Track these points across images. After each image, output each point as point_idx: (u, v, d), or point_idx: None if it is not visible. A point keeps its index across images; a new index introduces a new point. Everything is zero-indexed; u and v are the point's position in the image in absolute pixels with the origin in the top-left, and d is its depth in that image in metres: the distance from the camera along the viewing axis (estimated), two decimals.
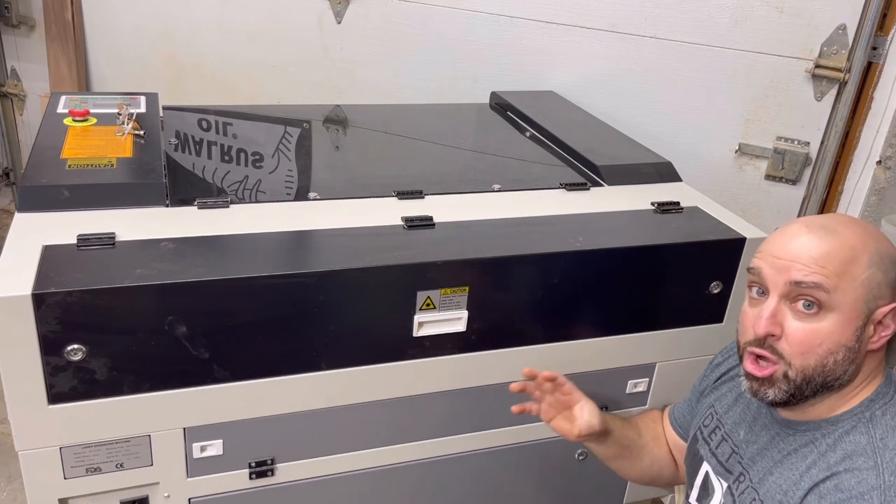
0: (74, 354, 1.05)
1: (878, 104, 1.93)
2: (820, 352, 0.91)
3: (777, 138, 2.05)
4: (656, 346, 1.48)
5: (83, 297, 1.02)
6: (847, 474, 0.88)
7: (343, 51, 2.32)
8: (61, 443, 1.13)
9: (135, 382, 1.11)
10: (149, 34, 2.43)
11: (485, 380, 1.36)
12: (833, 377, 0.92)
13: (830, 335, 0.90)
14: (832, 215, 0.99)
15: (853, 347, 0.91)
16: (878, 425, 0.91)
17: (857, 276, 0.90)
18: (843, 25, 1.90)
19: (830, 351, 0.91)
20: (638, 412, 1.47)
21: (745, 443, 1.05)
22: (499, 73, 2.21)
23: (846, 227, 0.92)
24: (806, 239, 0.92)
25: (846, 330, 0.90)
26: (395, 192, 1.41)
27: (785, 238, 0.94)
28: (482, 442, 1.42)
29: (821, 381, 0.92)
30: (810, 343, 0.91)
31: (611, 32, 2.10)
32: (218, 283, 1.08)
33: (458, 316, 1.25)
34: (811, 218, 0.97)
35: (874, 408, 0.93)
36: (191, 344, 1.10)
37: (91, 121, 1.48)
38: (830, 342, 0.90)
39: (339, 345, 1.20)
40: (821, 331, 0.90)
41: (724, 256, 1.39)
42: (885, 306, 0.91)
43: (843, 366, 0.91)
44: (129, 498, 1.22)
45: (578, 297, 1.33)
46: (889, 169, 1.90)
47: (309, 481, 1.32)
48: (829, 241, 0.91)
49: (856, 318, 0.90)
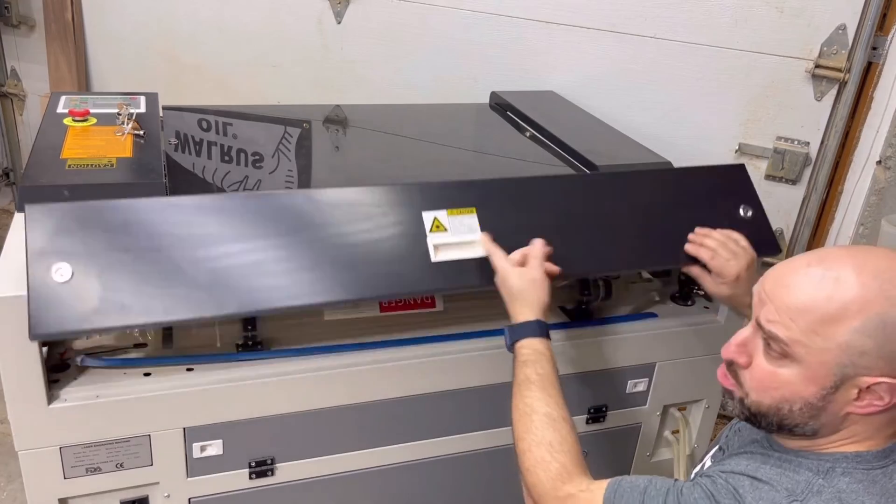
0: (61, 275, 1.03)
1: (878, 104, 1.93)
2: (775, 395, 0.85)
3: (777, 138, 2.05)
4: (656, 346, 1.48)
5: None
6: (761, 484, 0.84)
7: (343, 51, 2.32)
8: (61, 443, 1.13)
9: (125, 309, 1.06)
10: (149, 34, 2.42)
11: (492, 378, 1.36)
12: (790, 423, 0.86)
13: (789, 384, 0.84)
14: (864, 255, 0.83)
15: (815, 405, 0.83)
16: (828, 479, 0.83)
17: (834, 337, 0.80)
18: (843, 25, 1.90)
19: (786, 399, 0.85)
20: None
21: (741, 437, 1.05)
22: (499, 73, 2.20)
23: (858, 279, 0.80)
24: (795, 280, 0.83)
25: (809, 386, 0.83)
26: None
27: (783, 270, 0.86)
28: (482, 442, 1.43)
29: (776, 422, 0.87)
30: (767, 384, 0.86)
31: (611, 32, 2.09)
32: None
33: (471, 239, 1.23)
34: (835, 254, 0.85)
35: (840, 464, 0.85)
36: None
37: (91, 121, 1.47)
38: (788, 391, 0.84)
39: (354, 270, 1.17)
40: (780, 377, 0.84)
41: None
42: (870, 377, 0.80)
43: (802, 417, 0.85)
44: (129, 498, 1.22)
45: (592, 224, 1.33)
46: (889, 169, 1.90)
47: (309, 481, 1.32)
48: (815, 292, 0.81)
49: (823, 378, 0.82)
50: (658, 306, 1.53)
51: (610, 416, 1.52)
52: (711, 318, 1.53)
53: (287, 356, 1.25)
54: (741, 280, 1.24)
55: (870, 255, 0.83)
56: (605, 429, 1.53)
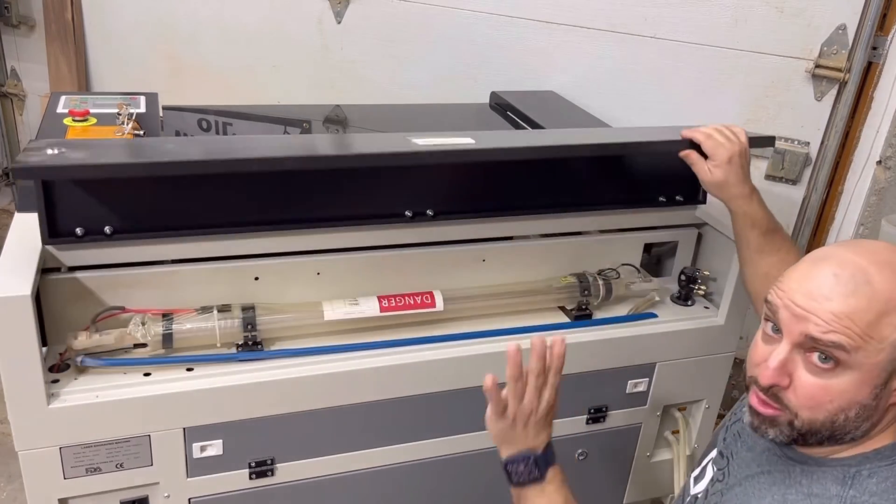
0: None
1: (878, 104, 1.93)
2: (830, 408, 0.83)
3: (777, 138, 2.05)
4: (656, 346, 1.48)
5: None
6: None
7: (343, 51, 2.32)
8: (61, 443, 1.13)
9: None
10: (149, 34, 2.42)
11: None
12: (843, 432, 0.84)
13: (844, 393, 0.82)
14: (869, 252, 0.84)
15: (869, 405, 0.83)
16: (856, 486, 0.84)
17: (886, 336, 0.80)
18: (843, 25, 1.90)
19: (842, 408, 0.83)
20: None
21: (744, 442, 1.04)
22: (499, 73, 2.20)
23: (881, 274, 0.81)
24: (832, 290, 0.82)
25: (863, 389, 0.82)
26: None
27: (810, 282, 0.84)
28: (482, 442, 1.42)
29: (828, 435, 0.85)
30: (820, 399, 0.83)
31: (611, 32, 2.09)
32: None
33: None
34: (844, 256, 0.84)
35: (863, 465, 0.85)
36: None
37: (91, 121, 1.47)
38: (843, 400, 0.82)
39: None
40: (833, 388, 0.82)
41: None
42: None
43: (856, 423, 0.84)
44: (129, 498, 1.22)
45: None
46: (889, 169, 1.90)
47: (309, 481, 1.32)
48: (858, 296, 0.81)
49: (877, 377, 0.81)
50: (658, 306, 1.53)
51: (610, 416, 1.52)
52: (711, 318, 1.53)
53: (287, 356, 1.25)
54: (734, 164, 1.27)
55: (875, 250, 0.84)
56: (605, 429, 1.53)
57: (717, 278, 1.57)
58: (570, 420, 1.48)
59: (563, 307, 1.47)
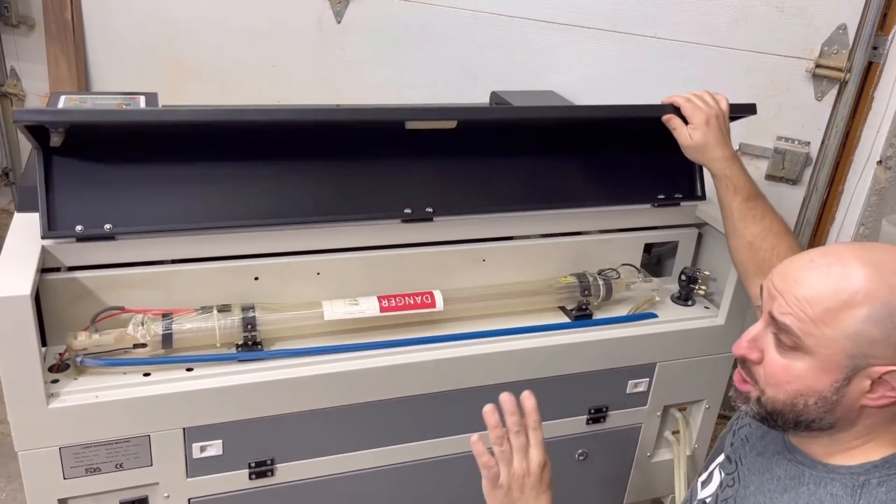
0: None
1: (878, 104, 1.93)
2: (789, 389, 0.86)
3: (777, 138, 2.05)
4: (656, 346, 1.48)
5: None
6: None
7: (343, 51, 2.32)
8: (61, 443, 1.13)
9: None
10: (149, 34, 2.42)
11: (487, 379, 1.36)
12: (806, 418, 0.87)
13: (802, 378, 0.85)
14: (864, 249, 0.86)
15: (828, 398, 0.84)
16: (866, 495, 0.84)
17: (843, 327, 0.81)
18: (844, 25, 1.90)
19: (800, 393, 0.86)
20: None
21: (753, 447, 1.04)
22: (499, 73, 2.20)
23: (861, 269, 0.82)
24: (803, 273, 0.85)
25: (822, 378, 0.84)
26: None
27: (790, 265, 0.88)
28: None
29: (792, 419, 0.87)
30: (780, 378, 0.87)
31: (611, 32, 2.09)
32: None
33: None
34: (835, 248, 0.88)
35: (872, 474, 0.85)
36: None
37: None
38: (801, 384, 0.85)
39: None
40: (793, 370, 0.85)
41: None
42: (881, 366, 0.81)
43: (817, 412, 0.86)
44: (129, 498, 1.22)
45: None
46: (889, 169, 1.90)
47: (309, 481, 1.32)
48: (824, 283, 0.83)
49: (835, 369, 0.83)
50: (658, 306, 1.53)
51: (610, 416, 1.52)
52: (711, 318, 1.53)
53: (287, 356, 1.25)
54: (712, 126, 1.30)
55: (872, 249, 0.85)
56: (605, 429, 1.53)
57: (717, 278, 1.57)
58: (570, 420, 1.48)
59: (563, 307, 1.47)
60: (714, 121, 1.31)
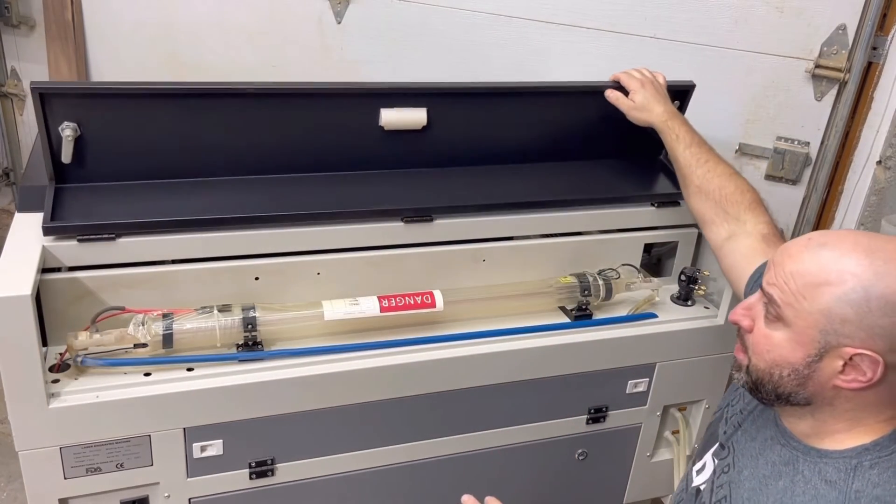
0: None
1: (878, 104, 1.93)
2: (768, 358, 0.91)
3: (777, 138, 2.05)
4: (656, 346, 1.48)
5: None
6: None
7: (343, 51, 2.32)
8: (61, 443, 1.13)
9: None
10: (149, 34, 2.42)
11: (484, 379, 1.36)
12: (783, 391, 0.91)
13: (779, 348, 0.90)
14: (864, 236, 0.88)
15: (801, 372, 0.88)
16: (859, 478, 0.87)
17: (819, 302, 0.85)
18: (843, 25, 1.90)
19: (776, 363, 0.90)
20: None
21: (745, 432, 1.05)
22: (499, 73, 2.20)
23: (854, 252, 0.85)
24: (798, 249, 0.90)
25: (797, 350, 0.88)
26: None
27: (793, 242, 0.92)
28: (482, 442, 1.43)
29: (772, 390, 0.92)
30: (762, 346, 0.92)
31: (610, 32, 2.09)
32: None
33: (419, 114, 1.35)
34: (835, 232, 0.91)
35: (864, 457, 0.88)
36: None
37: None
38: (778, 354, 0.90)
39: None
40: (773, 339, 0.90)
41: None
42: (851, 348, 0.84)
43: (791, 385, 0.90)
44: (129, 498, 1.22)
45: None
46: (889, 169, 1.90)
47: (309, 481, 1.32)
48: (810, 260, 0.87)
49: (808, 343, 0.87)
50: (658, 306, 1.53)
51: (610, 416, 1.52)
52: (711, 318, 1.53)
53: (287, 356, 1.25)
54: (647, 88, 1.46)
55: (875, 238, 0.88)
56: (605, 429, 1.53)
57: (717, 278, 1.57)
58: (570, 420, 1.48)
59: (563, 307, 1.47)
60: (649, 84, 1.46)
